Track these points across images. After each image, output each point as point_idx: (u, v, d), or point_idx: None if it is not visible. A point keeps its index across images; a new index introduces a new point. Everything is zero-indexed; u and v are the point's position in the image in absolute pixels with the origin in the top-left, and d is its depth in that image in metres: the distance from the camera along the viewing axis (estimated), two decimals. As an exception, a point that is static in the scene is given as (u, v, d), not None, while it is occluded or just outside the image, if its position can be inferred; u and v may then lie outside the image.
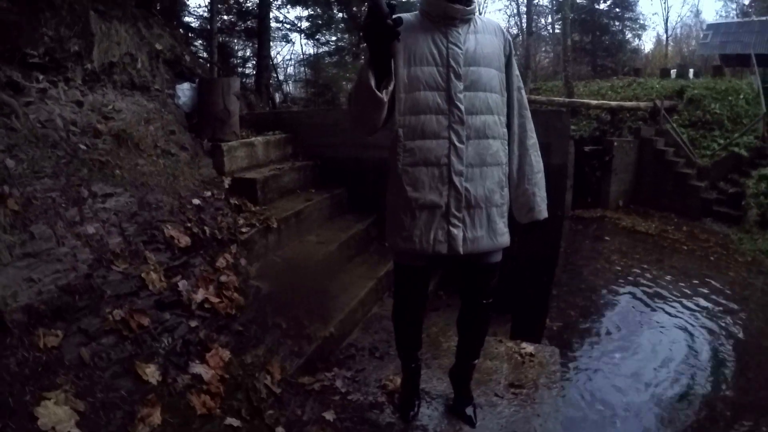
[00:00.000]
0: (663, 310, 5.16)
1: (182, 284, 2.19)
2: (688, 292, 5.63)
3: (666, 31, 26.61)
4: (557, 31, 21.88)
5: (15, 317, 1.51)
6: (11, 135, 1.78)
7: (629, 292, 5.70)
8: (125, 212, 2.11)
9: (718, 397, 3.57)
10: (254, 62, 6.85)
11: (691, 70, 15.55)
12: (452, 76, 1.59)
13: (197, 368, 1.98)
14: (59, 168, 1.93)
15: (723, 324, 4.80)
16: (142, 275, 1.97)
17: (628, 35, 22.75)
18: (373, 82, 1.36)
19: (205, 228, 2.48)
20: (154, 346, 1.87)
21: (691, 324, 4.78)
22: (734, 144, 9.57)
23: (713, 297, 5.49)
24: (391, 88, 1.43)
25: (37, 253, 1.67)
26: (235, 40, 7.46)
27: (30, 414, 1.38)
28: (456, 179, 1.62)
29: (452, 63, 1.59)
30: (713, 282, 5.96)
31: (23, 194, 1.71)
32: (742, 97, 10.84)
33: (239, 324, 2.35)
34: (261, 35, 5.73)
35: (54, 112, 1.99)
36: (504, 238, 1.75)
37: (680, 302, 5.33)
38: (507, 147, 1.74)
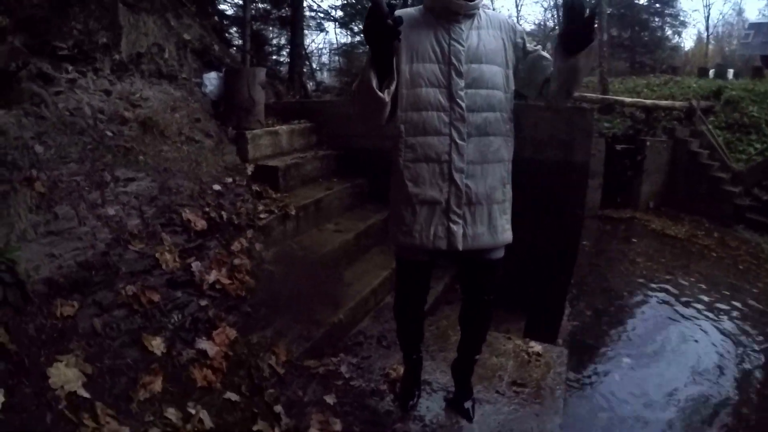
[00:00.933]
0: (686, 318, 4.95)
1: (195, 265, 2.32)
2: (714, 301, 5.37)
3: (707, 29, 25.12)
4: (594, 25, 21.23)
5: (36, 288, 1.68)
6: (41, 123, 1.96)
7: (652, 297, 5.48)
8: (146, 196, 2.26)
9: (737, 416, 3.40)
10: (288, 50, 6.96)
11: (731, 71, 14.67)
12: (453, 73, 1.59)
13: (203, 344, 2.11)
14: (85, 154, 2.09)
15: (748, 338, 4.53)
16: (156, 255, 2.12)
17: (668, 32, 21.89)
18: (374, 82, 1.38)
19: (223, 213, 2.61)
20: (163, 321, 2.01)
21: (713, 336, 4.56)
22: None
23: (740, 308, 5.21)
24: (393, 87, 1.44)
25: (60, 232, 1.84)
26: (270, 28, 7.61)
27: (42, 373, 1.54)
28: (456, 176, 1.63)
29: (453, 60, 1.59)
30: (741, 292, 5.65)
31: (50, 178, 1.88)
32: None
33: (248, 305, 2.46)
34: (295, 24, 5.83)
35: (82, 101, 2.16)
36: (505, 235, 1.75)
37: (704, 312, 5.10)
38: (510, 144, 1.72)
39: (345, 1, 9.06)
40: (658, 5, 20.90)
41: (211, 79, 3.21)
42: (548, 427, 2.03)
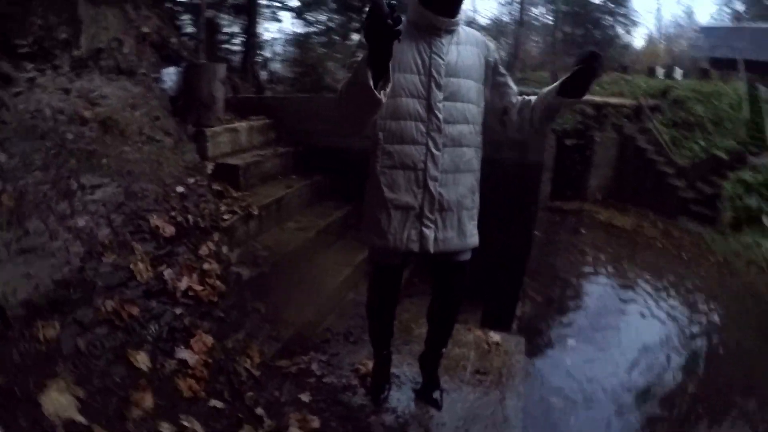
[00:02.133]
0: (632, 303, 5.38)
1: (167, 273, 2.28)
2: (659, 288, 5.86)
3: (658, 29, 26.98)
4: (549, 21, 21.77)
5: (15, 312, 1.60)
6: (2, 129, 1.80)
7: (600, 285, 5.92)
8: (112, 203, 2.17)
9: (682, 392, 3.80)
10: (242, 39, 6.62)
11: (680, 71, 15.65)
12: (433, 85, 1.65)
13: (183, 353, 2.11)
14: (49, 160, 1.97)
15: (691, 321, 5.05)
16: (131, 266, 2.07)
17: (620, 31, 22.85)
18: (371, 83, 1.35)
19: (189, 216, 2.56)
20: (143, 334, 1.99)
21: (659, 319, 5.01)
22: (714, 146, 9.81)
23: (683, 294, 5.75)
24: (389, 89, 1.42)
25: (33, 249, 1.74)
26: (223, 16, 7.16)
27: (35, 402, 1.49)
28: (431, 184, 1.71)
29: (434, 73, 1.65)
30: (684, 280, 6.22)
31: (16, 189, 1.76)
32: (726, 101, 11.05)
33: (221, 310, 2.47)
34: (250, 12, 5.56)
35: (42, 101, 2.00)
36: (473, 239, 1.88)
37: (650, 298, 5.56)
38: (480, 155, 1.84)
39: None
40: (611, 4, 21.70)
41: (171, 75, 3.05)
42: (511, 411, 2.23)
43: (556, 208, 9.02)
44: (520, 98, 1.82)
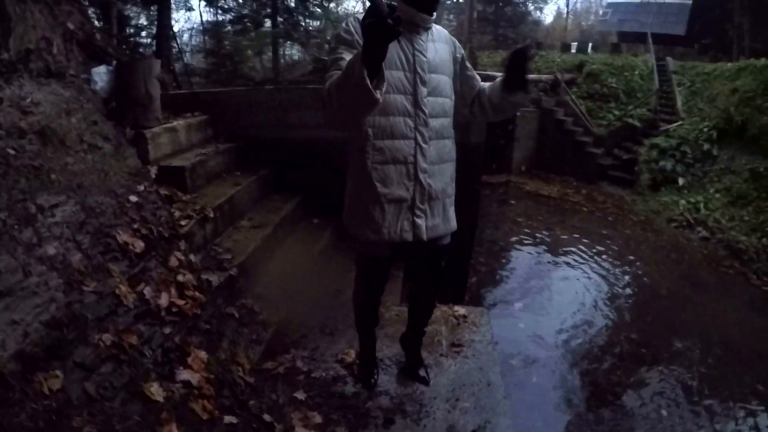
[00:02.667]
0: (567, 265, 5.80)
1: (147, 291, 2.10)
2: (589, 248, 6.33)
3: (567, 5, 27.97)
4: (462, 0, 21.84)
5: (10, 368, 1.38)
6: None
7: (535, 250, 6.27)
8: (74, 222, 1.92)
9: (624, 339, 4.26)
10: (152, 31, 5.77)
11: (590, 45, 16.58)
12: (418, 81, 1.73)
13: (184, 374, 1.99)
14: (-1, 183, 1.65)
15: (622, 275, 5.57)
16: (116, 291, 1.87)
17: (531, 7, 23.66)
18: (368, 82, 1.33)
19: (152, 227, 2.35)
20: (144, 362, 1.83)
21: (593, 276, 5.47)
22: (629, 115, 10.71)
23: (612, 252, 6.25)
24: (384, 87, 1.40)
25: (11, 291, 1.50)
26: (129, 7, 6.10)
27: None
28: (421, 176, 1.80)
29: (419, 69, 1.72)
30: (611, 239, 6.76)
31: (-25, 222, 1.46)
32: (637, 72, 12.07)
33: (204, 322, 2.35)
34: (161, 2, 4.85)
35: (-23, 115, 1.64)
36: (453, 222, 2.01)
37: (582, 257, 6.00)
38: (455, 145, 1.95)
39: None
40: None
41: (101, 74, 2.64)
42: (492, 377, 2.44)
43: (484, 182, 9.10)
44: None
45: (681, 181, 8.35)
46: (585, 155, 10.21)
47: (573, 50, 16.13)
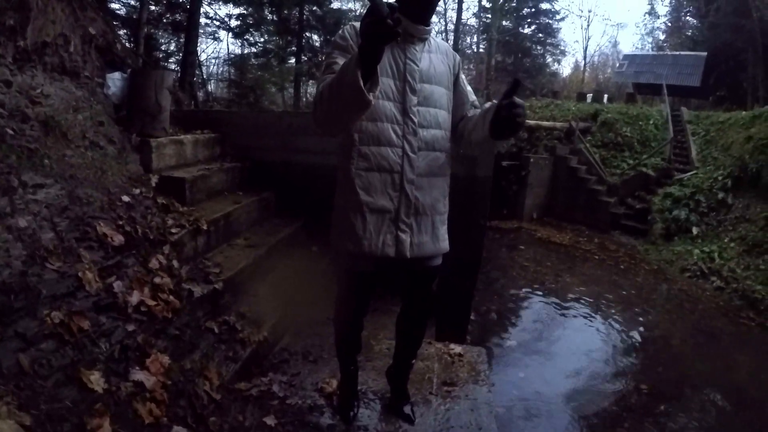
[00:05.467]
0: (575, 312, 5.58)
1: (117, 285, 2.04)
2: (599, 296, 6.14)
3: (585, 58, 29.06)
4: (482, 50, 22.86)
5: (-56, 318, 1.32)
6: (-67, 112, 1.53)
7: (543, 296, 6.07)
8: (56, 206, 1.92)
9: (633, 390, 3.99)
10: (179, 57, 6.31)
11: (606, 96, 16.98)
12: (408, 90, 1.68)
13: (138, 375, 1.87)
14: (-15, 153, 1.70)
15: (633, 324, 5.34)
16: (79, 274, 1.82)
17: (549, 59, 24.78)
18: (362, 83, 1.32)
19: (137, 227, 2.33)
20: (95, 352, 1.74)
21: (603, 325, 5.26)
22: (642, 164, 10.66)
23: (622, 300, 6.07)
24: (377, 91, 1.40)
25: (-34, 247, 1.47)
26: (161, 33, 6.77)
27: (-30, 429, 1.23)
28: (407, 187, 1.70)
29: (409, 78, 1.68)
30: (622, 287, 6.58)
31: (-53, 180, 1.49)
32: (651, 122, 12.14)
33: (175, 328, 2.25)
34: (189, 30, 5.35)
35: (-21, 90, 1.74)
36: (445, 243, 1.87)
37: (591, 305, 5.81)
38: (450, 160, 1.85)
39: (242, 11, 8.50)
40: (541, 35, 23.39)
41: (115, 80, 2.80)
42: (484, 418, 2.22)
43: (495, 227, 9.15)
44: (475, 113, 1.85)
45: (695, 230, 8.22)
46: (598, 204, 10.08)
47: (588, 100, 16.25)
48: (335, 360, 2.45)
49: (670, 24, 25.37)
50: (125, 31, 5.63)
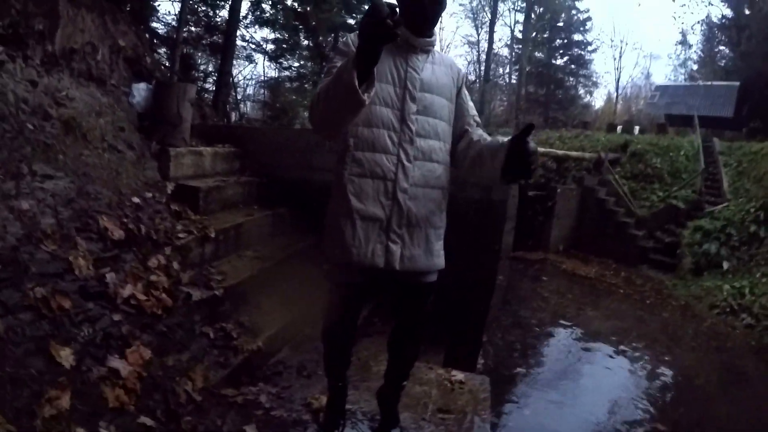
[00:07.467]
0: (598, 348, 5.31)
1: (110, 276, 2.11)
2: (621, 331, 5.86)
3: (617, 89, 28.10)
4: (513, 81, 22.90)
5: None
6: (-43, 99, 1.73)
7: (563, 330, 5.86)
8: (62, 196, 2.05)
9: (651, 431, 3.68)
10: (215, 78, 6.82)
11: (637, 127, 16.56)
12: (407, 97, 1.65)
13: (115, 362, 1.89)
14: (3, 141, 1.87)
15: (655, 362, 5.05)
16: (70, 258, 1.91)
17: (581, 91, 24.67)
18: (357, 83, 1.31)
19: (141, 226, 2.44)
20: (73, 332, 1.79)
21: (625, 362, 4.99)
22: (673, 197, 10.23)
23: (645, 336, 5.79)
24: (372, 92, 1.39)
25: (-36, 218, 1.59)
26: (199, 53, 7.40)
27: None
28: (400, 196, 1.65)
29: (409, 85, 1.66)
30: (646, 323, 6.31)
31: (-41, 157, 1.65)
32: (682, 153, 11.70)
33: (164, 325, 2.28)
34: (226, 51, 5.77)
35: (7, 87, 1.95)
36: (440, 260, 1.78)
37: (615, 341, 5.53)
38: (448, 173, 1.79)
39: (278, 36, 9.10)
40: (573, 66, 23.39)
41: (140, 90, 3.05)
42: None
43: (520, 258, 8.92)
44: (476, 131, 1.81)
45: (725, 264, 7.77)
46: (626, 236, 9.65)
47: (618, 131, 15.76)
48: (330, 378, 2.38)
49: (702, 54, 24.53)
50: (165, 49, 6.18)
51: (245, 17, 8.01)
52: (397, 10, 1.23)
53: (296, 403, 2.33)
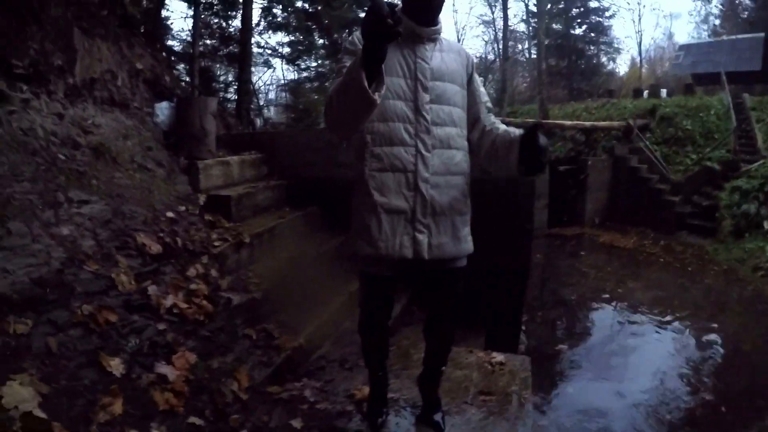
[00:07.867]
0: (640, 320, 5.21)
1: (152, 289, 2.24)
2: (664, 301, 5.73)
3: (640, 53, 26.92)
4: (533, 56, 22.19)
5: (-11, 302, 1.57)
6: (-6, 140, 1.89)
7: (604, 304, 5.76)
8: (99, 219, 2.19)
9: (699, 403, 3.60)
10: (235, 87, 7.02)
11: (663, 90, 15.86)
12: (419, 88, 1.66)
13: (163, 368, 2.01)
14: (38, 174, 2.02)
15: (701, 331, 4.90)
16: (113, 276, 2.04)
17: (603, 59, 23.59)
18: (366, 83, 1.33)
19: (177, 239, 2.56)
20: (121, 343, 1.91)
21: (669, 332, 4.87)
22: (706, 158, 9.84)
23: (689, 305, 5.63)
24: (383, 90, 1.40)
25: (13, 248, 1.74)
26: (217, 65, 7.62)
27: (-5, 392, 1.42)
28: (422, 186, 1.66)
29: (420, 76, 1.66)
30: (691, 291, 6.13)
31: (2, 194, 1.80)
32: (713, 113, 11.17)
33: (207, 330, 2.39)
34: (242, 60, 5.91)
35: (35, 122, 2.10)
36: (468, 245, 1.79)
37: (657, 312, 5.41)
38: (468, 158, 1.79)
39: (292, 38, 9.21)
40: (592, 34, 22.51)
41: (163, 109, 3.20)
42: (519, 430, 2.06)
43: (556, 234, 8.87)
44: (488, 119, 1.82)
45: (766, 224, 7.39)
46: (662, 204, 9.28)
47: (645, 96, 14.94)
48: (373, 369, 2.43)
49: (723, 7, 22.93)
50: (183, 65, 6.40)
51: (258, 24, 8.19)
52: (397, 9, 1.25)
53: (340, 396, 2.39)
